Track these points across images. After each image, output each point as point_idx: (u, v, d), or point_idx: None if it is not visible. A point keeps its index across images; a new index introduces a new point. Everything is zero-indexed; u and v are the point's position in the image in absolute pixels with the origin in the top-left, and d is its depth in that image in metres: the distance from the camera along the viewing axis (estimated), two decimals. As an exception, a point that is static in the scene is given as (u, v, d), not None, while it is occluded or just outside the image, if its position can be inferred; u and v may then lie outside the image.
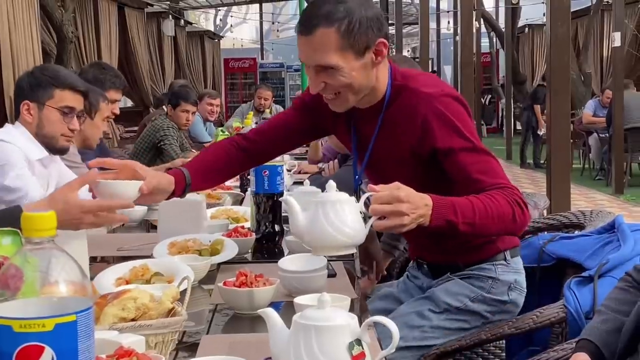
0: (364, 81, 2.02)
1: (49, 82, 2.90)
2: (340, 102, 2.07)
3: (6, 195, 2.72)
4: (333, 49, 1.94)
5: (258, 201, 2.65)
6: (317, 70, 2.00)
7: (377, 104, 2.11)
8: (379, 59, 2.01)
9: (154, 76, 15.67)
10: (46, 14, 10.67)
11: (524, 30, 20.48)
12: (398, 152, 2.08)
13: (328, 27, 1.94)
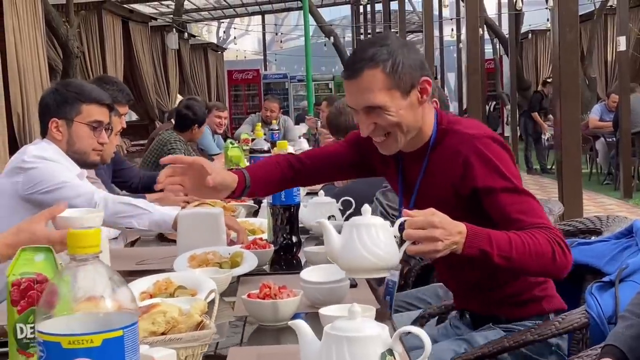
0: (412, 120, 2.07)
1: (76, 97, 2.93)
2: (390, 143, 2.11)
3: None
4: (380, 88, 2.01)
5: (275, 213, 2.66)
6: (366, 112, 2.06)
7: (423, 147, 2.15)
8: (424, 97, 2.07)
9: (159, 89, 15.72)
10: (51, 30, 10.71)
11: (527, 36, 20.50)
12: (441, 193, 2.10)
13: (374, 68, 2.01)
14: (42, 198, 2.77)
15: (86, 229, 0.92)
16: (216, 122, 7.41)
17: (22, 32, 9.10)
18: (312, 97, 11.21)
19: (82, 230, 0.92)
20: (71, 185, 2.78)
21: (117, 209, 2.74)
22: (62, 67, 11.14)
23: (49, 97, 2.98)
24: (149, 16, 15.43)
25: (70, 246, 0.92)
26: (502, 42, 19.20)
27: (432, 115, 2.13)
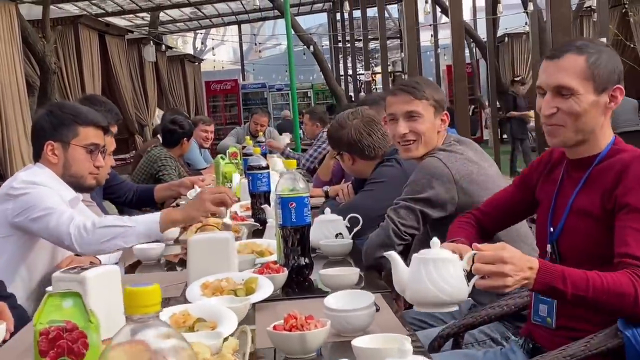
0: (591, 120, 2.06)
1: (72, 120, 2.85)
2: (560, 133, 2.09)
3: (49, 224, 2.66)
4: (577, 73, 2.04)
5: (286, 234, 2.56)
6: (554, 93, 2.07)
7: (590, 158, 2.12)
8: (612, 105, 2.07)
9: (138, 103, 15.58)
10: (28, 46, 10.56)
11: (504, 39, 20.57)
12: (593, 207, 2.06)
13: (578, 55, 2.06)
14: (29, 225, 2.68)
15: (145, 287, 0.83)
16: (202, 137, 7.32)
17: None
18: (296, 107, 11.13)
19: (140, 288, 0.83)
20: (58, 213, 2.67)
21: (97, 235, 2.63)
22: (40, 83, 10.98)
23: (44, 119, 2.89)
24: (125, 29, 15.28)
25: (129, 306, 0.83)
26: (479, 46, 19.27)
27: (611, 133, 2.12)
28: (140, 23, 21.20)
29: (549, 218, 2.19)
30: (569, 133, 2.08)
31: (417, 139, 2.80)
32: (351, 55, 21.72)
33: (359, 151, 3.47)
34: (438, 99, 2.85)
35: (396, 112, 2.81)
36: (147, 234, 2.68)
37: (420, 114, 2.78)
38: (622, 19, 11.98)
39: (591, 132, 2.08)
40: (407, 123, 2.79)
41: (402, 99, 2.80)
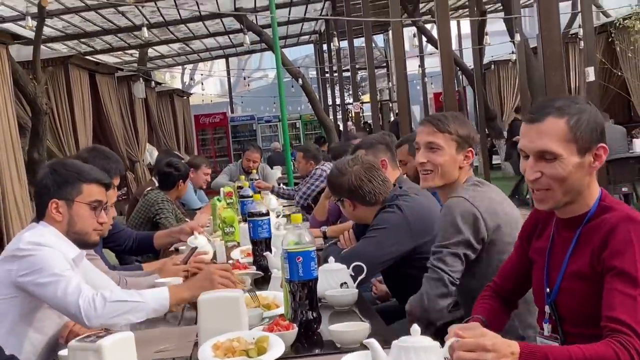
0: (577, 181, 2.06)
1: (76, 177, 2.88)
2: (548, 198, 2.10)
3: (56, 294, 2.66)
4: (559, 137, 2.04)
5: (293, 289, 2.58)
6: (537, 157, 2.08)
7: (579, 217, 2.12)
8: (596, 164, 2.08)
9: (128, 140, 15.60)
10: (19, 87, 10.57)
11: (490, 66, 20.75)
12: (584, 267, 2.07)
13: (559, 117, 2.05)
14: (35, 289, 2.67)
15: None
16: (204, 179, 7.32)
17: (-9, 93, 8.98)
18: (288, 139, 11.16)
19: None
20: (65, 281, 2.66)
21: (108, 310, 2.63)
22: (32, 124, 10.98)
23: (47, 178, 2.91)
24: (115, 67, 15.35)
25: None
26: (466, 74, 19.42)
27: (597, 188, 2.13)
28: (129, 60, 21.30)
29: (545, 279, 2.21)
30: (557, 196, 2.09)
31: (435, 170, 2.87)
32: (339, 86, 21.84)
33: (360, 197, 3.50)
34: (463, 135, 2.90)
35: (419, 141, 2.92)
36: (157, 309, 2.72)
37: (440, 146, 2.86)
38: (608, 46, 12.13)
39: (578, 192, 2.09)
40: (427, 153, 2.88)
41: (426, 129, 2.90)
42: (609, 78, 12.05)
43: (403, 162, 4.90)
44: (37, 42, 11.05)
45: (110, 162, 3.96)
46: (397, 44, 11.42)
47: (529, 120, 2.10)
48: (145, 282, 3.54)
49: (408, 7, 18.77)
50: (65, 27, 16.22)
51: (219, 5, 16.16)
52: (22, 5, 13.31)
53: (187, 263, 3.82)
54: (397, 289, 3.63)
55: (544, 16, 4.63)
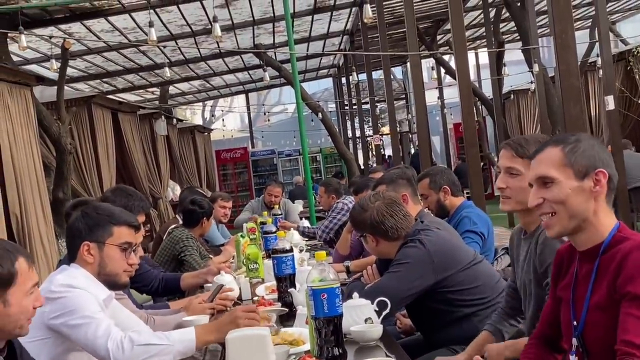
0: (579, 206, 2.15)
1: (107, 220, 2.96)
2: (554, 223, 2.19)
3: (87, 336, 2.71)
4: (554, 162, 2.19)
5: (319, 326, 2.62)
6: (538, 184, 2.22)
7: (595, 248, 2.16)
8: (597, 189, 2.15)
9: (151, 177, 15.73)
10: (43, 128, 10.74)
11: (510, 96, 20.77)
12: (602, 299, 2.10)
13: (555, 147, 2.22)
14: (66, 330, 2.73)
15: None
16: (222, 213, 7.41)
17: (17, 135, 9.13)
18: (309, 174, 11.23)
19: None
20: (96, 323, 2.72)
21: (136, 352, 2.68)
22: (56, 164, 11.13)
23: (80, 222, 2.98)
24: (137, 105, 15.55)
25: None
26: (485, 104, 19.44)
27: (611, 219, 2.17)
28: (150, 97, 21.57)
29: (572, 313, 2.23)
30: (563, 221, 2.16)
31: (512, 196, 2.82)
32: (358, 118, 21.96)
33: (383, 233, 3.54)
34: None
35: (500, 165, 2.90)
36: (184, 352, 2.76)
37: (520, 171, 2.80)
38: (627, 74, 12.13)
39: (584, 218, 2.15)
40: (506, 178, 2.84)
41: (506, 154, 2.88)
42: (629, 106, 12.04)
43: (424, 195, 4.94)
44: (61, 83, 11.24)
45: (132, 200, 4.06)
46: (415, 77, 11.49)
47: (532, 155, 2.29)
48: (172, 320, 3.59)
49: (426, 39, 18.93)
50: (88, 67, 16.49)
51: (238, 42, 16.37)
52: (46, 46, 13.58)
53: (212, 301, 3.87)
54: (421, 323, 3.65)
55: (561, 49, 4.67)
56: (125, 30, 13.76)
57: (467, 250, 3.62)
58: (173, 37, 14.57)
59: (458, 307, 3.42)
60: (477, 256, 3.60)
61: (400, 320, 4.02)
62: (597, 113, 15.85)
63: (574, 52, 4.73)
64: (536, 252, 2.77)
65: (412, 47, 10.00)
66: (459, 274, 3.42)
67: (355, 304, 3.12)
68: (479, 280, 3.46)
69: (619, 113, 11.57)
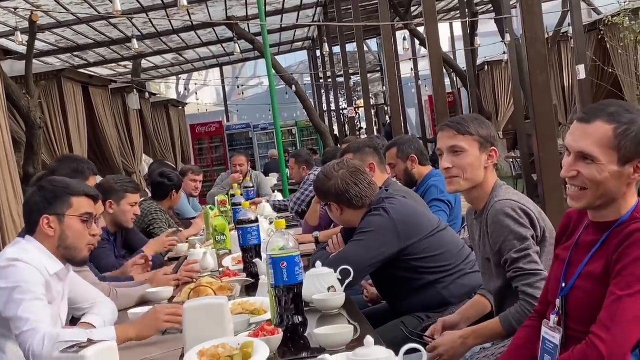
0: (613, 189, 2.09)
1: (65, 192, 2.92)
2: (581, 199, 2.13)
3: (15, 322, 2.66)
4: (602, 142, 2.06)
5: (279, 294, 2.60)
6: (577, 157, 2.10)
7: (609, 223, 2.13)
8: (636, 176, 2.09)
9: (124, 151, 15.59)
10: (12, 102, 10.58)
11: (484, 67, 20.77)
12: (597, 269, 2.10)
13: (607, 124, 2.07)
14: (2, 303, 2.70)
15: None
16: (192, 187, 7.36)
17: (-16, 109, 8.99)
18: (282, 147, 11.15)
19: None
20: (31, 305, 2.69)
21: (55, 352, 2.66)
22: (26, 139, 10.99)
23: (36, 195, 2.95)
24: (108, 79, 15.36)
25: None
26: (460, 76, 19.43)
27: (634, 199, 2.13)
28: (123, 71, 21.32)
29: (563, 273, 2.23)
30: (591, 198, 2.11)
31: (460, 174, 2.81)
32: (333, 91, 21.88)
33: (347, 201, 3.51)
34: (484, 135, 2.86)
35: (441, 147, 2.87)
36: None
37: (464, 148, 2.81)
38: (599, 44, 12.14)
39: (613, 199, 2.11)
40: (451, 157, 2.83)
41: (447, 134, 2.86)
42: (601, 75, 12.06)
43: (392, 164, 4.93)
44: (29, 56, 11.06)
45: (80, 163, 4.08)
46: (388, 49, 11.41)
47: (579, 119, 2.13)
48: (135, 292, 3.56)
49: (400, 10, 18.82)
50: (58, 40, 16.24)
51: (211, 14, 16.18)
52: (13, 20, 13.34)
53: (177, 272, 3.84)
54: (385, 291, 3.65)
55: (527, 17, 4.64)
56: (95, 3, 13.55)
57: (431, 217, 3.61)
58: (144, 9, 14.37)
59: (422, 275, 3.42)
60: (441, 223, 3.59)
61: (367, 289, 4.02)
62: (570, 83, 15.90)
63: (540, 18, 4.69)
64: (488, 232, 2.77)
65: (384, 18, 9.93)
66: (423, 241, 3.42)
67: (318, 273, 3.10)
68: (443, 248, 3.46)
69: (591, 83, 11.59)
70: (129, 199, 4.61)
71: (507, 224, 2.70)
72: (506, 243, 2.71)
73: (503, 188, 2.87)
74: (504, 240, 2.71)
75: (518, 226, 2.71)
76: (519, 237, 2.70)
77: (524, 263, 2.68)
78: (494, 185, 2.88)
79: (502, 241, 2.72)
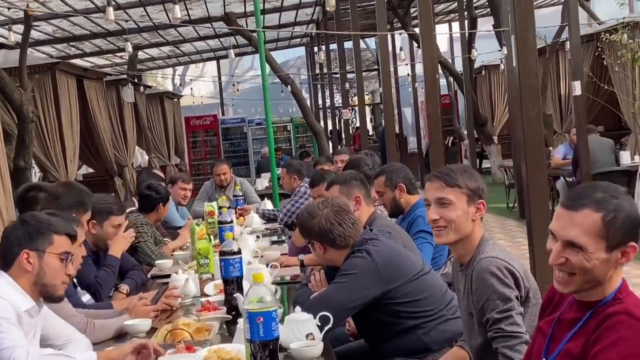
0: (601, 274, 2.08)
1: (47, 228, 2.90)
2: (569, 284, 2.12)
3: None
4: (591, 231, 2.05)
5: (254, 350, 2.57)
6: (565, 245, 2.09)
7: (593, 302, 2.12)
8: (623, 260, 2.09)
9: (117, 144, 15.50)
10: (5, 95, 10.51)
11: (481, 71, 20.72)
12: (576, 348, 2.08)
13: (595, 212, 2.06)
14: None
15: None
16: (181, 195, 7.33)
17: (-25, 102, 8.93)
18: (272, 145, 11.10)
19: None
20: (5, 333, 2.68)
21: None
22: (17, 132, 10.91)
23: (18, 229, 2.92)
24: (103, 72, 15.28)
25: None
26: (456, 79, 19.40)
27: (619, 280, 2.12)
28: (119, 62, 21.23)
29: (545, 348, 2.21)
30: (579, 284, 2.10)
31: (448, 226, 2.80)
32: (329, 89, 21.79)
33: (330, 241, 3.48)
34: (472, 187, 2.85)
35: (429, 197, 2.86)
36: None
37: (452, 201, 2.80)
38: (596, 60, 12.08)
39: (599, 283, 2.10)
40: (438, 209, 2.81)
41: (435, 185, 2.85)
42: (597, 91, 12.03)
43: (380, 192, 4.90)
44: (24, 49, 10.99)
45: (86, 196, 4.12)
46: (384, 56, 11.37)
47: (565, 206, 2.11)
48: (113, 325, 3.52)
49: (399, 12, 18.76)
50: (55, 30, 16.16)
51: (209, 9, 16.10)
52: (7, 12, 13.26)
53: (156, 302, 3.80)
54: (365, 333, 3.62)
55: (521, 48, 4.61)
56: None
57: (414, 260, 3.58)
58: (141, 3, 14.30)
59: (403, 319, 3.39)
60: (425, 266, 3.56)
61: (349, 323, 3.98)
62: (566, 92, 15.87)
63: (534, 52, 4.66)
64: (472, 289, 2.74)
65: (382, 27, 9.88)
66: (406, 285, 3.39)
67: (297, 319, 3.06)
68: (425, 292, 3.43)
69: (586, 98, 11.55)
70: (112, 220, 4.56)
71: (492, 283, 2.68)
72: (489, 302, 2.68)
73: (489, 243, 2.84)
74: (487, 299, 2.68)
75: (502, 286, 2.68)
76: (503, 297, 2.67)
77: (506, 324, 2.64)
78: (481, 240, 2.85)
79: (485, 300, 2.69)
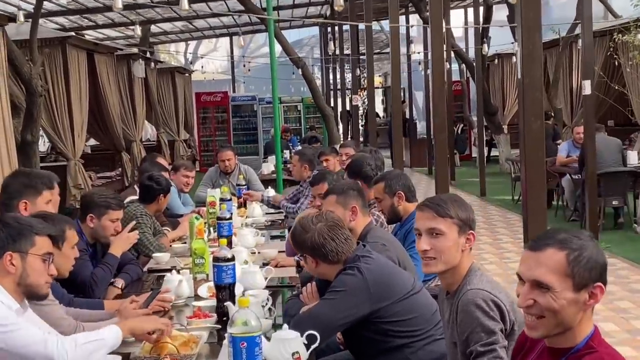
0: (570, 317, 2.08)
1: (30, 230, 2.94)
2: (539, 327, 2.11)
3: None
4: (556, 269, 2.06)
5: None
6: (532, 286, 2.10)
7: (564, 350, 2.12)
8: (591, 302, 2.09)
9: (126, 119, 15.52)
10: (15, 68, 10.51)
11: (494, 60, 20.59)
12: None
13: (559, 250, 2.08)
14: None
15: None
16: (184, 182, 7.33)
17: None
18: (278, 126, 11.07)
19: None
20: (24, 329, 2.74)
21: (86, 350, 2.83)
22: (26, 106, 10.91)
23: (1, 231, 2.93)
24: (114, 47, 15.24)
25: None
26: (469, 67, 19.29)
27: (590, 326, 2.13)
28: (132, 34, 21.18)
29: None
30: (549, 327, 2.09)
31: (437, 257, 2.82)
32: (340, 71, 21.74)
33: (322, 256, 3.47)
34: (463, 218, 2.87)
35: (420, 227, 2.87)
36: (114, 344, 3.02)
37: (443, 231, 2.82)
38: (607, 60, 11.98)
39: (569, 327, 2.10)
40: (429, 240, 2.83)
41: (426, 215, 2.86)
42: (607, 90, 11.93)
43: (379, 199, 4.89)
44: (35, 23, 10.98)
45: (33, 178, 4.11)
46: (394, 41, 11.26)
47: (530, 248, 2.14)
48: (103, 329, 3.53)
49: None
50: (69, 2, 16.14)
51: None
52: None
53: (148, 306, 3.82)
54: (353, 349, 3.62)
55: (527, 61, 4.58)
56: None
57: (406, 279, 3.57)
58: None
59: (391, 338, 3.39)
60: (416, 285, 3.55)
61: (340, 332, 4.00)
62: (578, 86, 15.77)
63: (540, 65, 4.63)
64: (457, 320, 2.74)
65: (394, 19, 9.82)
66: (396, 304, 3.38)
67: (284, 337, 3.06)
68: (415, 312, 3.43)
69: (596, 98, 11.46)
70: (110, 215, 4.58)
71: (477, 315, 2.68)
72: (473, 334, 2.68)
73: (477, 274, 2.84)
74: (472, 331, 2.69)
75: (487, 319, 2.68)
76: (487, 330, 2.67)
77: (489, 358, 2.65)
78: (469, 270, 2.86)
79: (469, 331, 2.69)
